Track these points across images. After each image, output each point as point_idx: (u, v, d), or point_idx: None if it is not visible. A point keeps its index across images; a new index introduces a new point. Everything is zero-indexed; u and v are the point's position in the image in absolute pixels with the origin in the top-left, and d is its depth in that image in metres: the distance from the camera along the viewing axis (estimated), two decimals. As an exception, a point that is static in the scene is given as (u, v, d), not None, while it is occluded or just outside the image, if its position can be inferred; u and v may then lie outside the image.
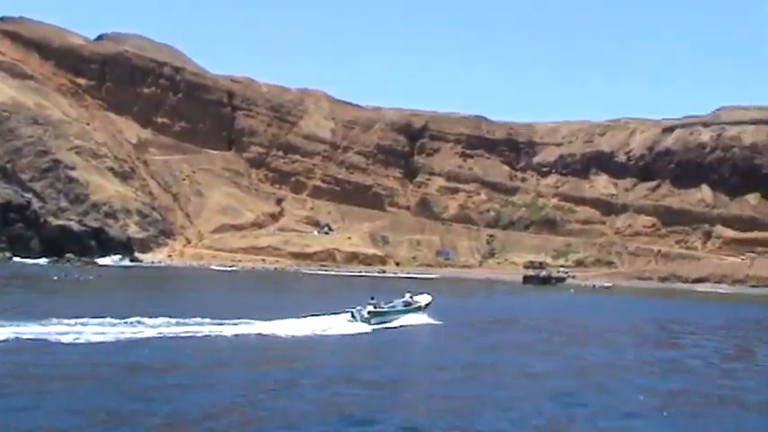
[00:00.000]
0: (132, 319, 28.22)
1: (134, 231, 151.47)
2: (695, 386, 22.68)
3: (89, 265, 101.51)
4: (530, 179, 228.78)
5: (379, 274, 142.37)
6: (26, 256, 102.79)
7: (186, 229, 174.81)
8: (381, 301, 35.61)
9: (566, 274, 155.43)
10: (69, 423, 14.11)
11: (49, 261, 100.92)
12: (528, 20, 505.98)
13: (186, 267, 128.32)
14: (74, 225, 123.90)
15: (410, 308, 36.20)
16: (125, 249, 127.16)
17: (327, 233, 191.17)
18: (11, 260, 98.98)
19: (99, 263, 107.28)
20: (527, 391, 19.79)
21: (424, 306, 37.01)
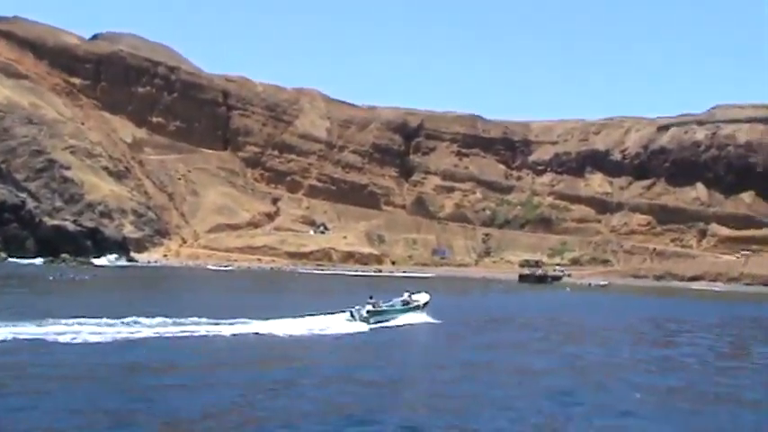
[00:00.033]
0: (129, 318, 28.16)
1: (129, 231, 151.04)
2: (691, 384, 22.80)
3: (85, 265, 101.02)
4: (525, 178, 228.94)
5: (375, 274, 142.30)
6: (21, 257, 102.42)
7: (182, 228, 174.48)
8: (380, 301, 35.62)
9: (561, 272, 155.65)
10: (67, 423, 14.10)
11: (44, 261, 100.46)
12: (523, 19, 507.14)
13: (182, 267, 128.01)
14: (69, 225, 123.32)
15: (409, 307, 36.23)
16: (120, 249, 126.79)
17: (323, 232, 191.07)
18: (6, 260, 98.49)
19: (95, 263, 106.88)
20: (524, 390, 19.86)
21: (422, 305, 37.04)
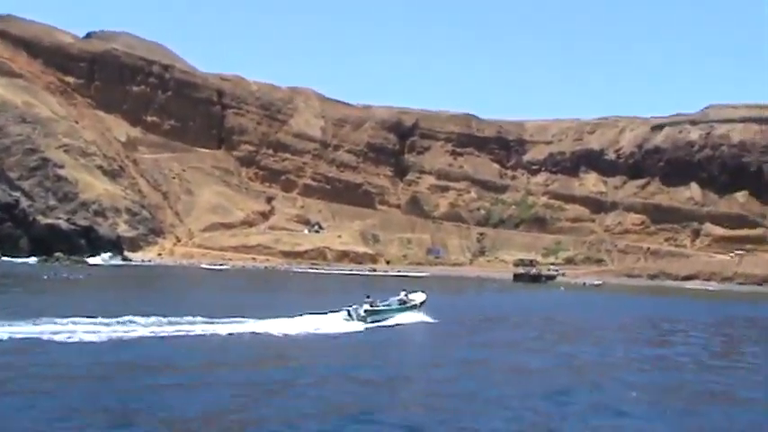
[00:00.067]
0: (124, 318, 28.01)
1: (124, 230, 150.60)
2: (685, 383, 22.89)
3: (79, 264, 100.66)
4: (520, 177, 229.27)
5: (369, 273, 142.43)
6: (15, 256, 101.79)
7: (176, 227, 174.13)
8: (377, 300, 35.64)
9: (556, 271, 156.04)
10: (63, 423, 14.04)
11: (38, 260, 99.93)
12: (517, 19, 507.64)
13: (176, 266, 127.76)
14: (63, 224, 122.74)
15: (406, 306, 36.28)
16: (115, 248, 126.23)
17: (318, 231, 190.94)
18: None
19: (89, 262, 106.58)
20: (520, 389, 19.91)
21: (419, 304, 37.10)
